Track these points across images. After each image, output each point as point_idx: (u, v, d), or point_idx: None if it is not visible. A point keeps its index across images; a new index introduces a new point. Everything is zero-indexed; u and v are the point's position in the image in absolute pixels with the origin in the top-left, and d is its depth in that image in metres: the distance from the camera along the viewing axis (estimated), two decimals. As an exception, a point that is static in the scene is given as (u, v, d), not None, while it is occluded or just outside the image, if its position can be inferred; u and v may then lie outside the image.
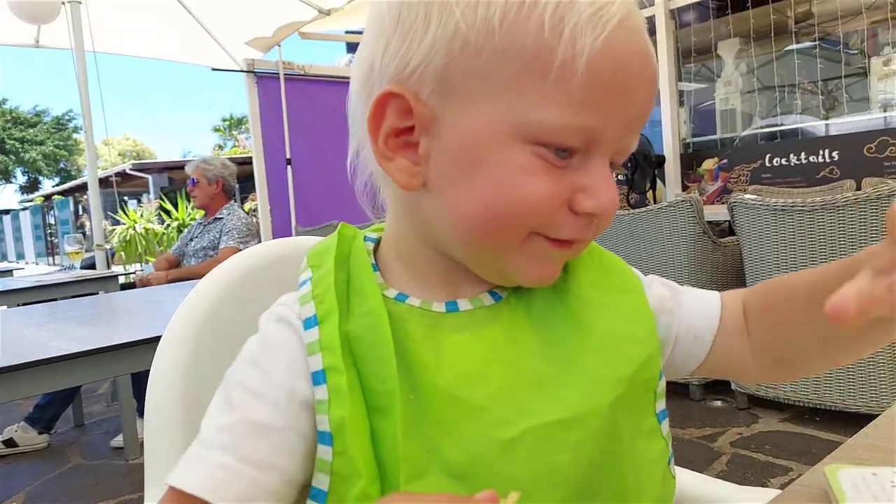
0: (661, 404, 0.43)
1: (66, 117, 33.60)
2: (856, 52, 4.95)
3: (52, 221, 21.92)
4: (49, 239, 21.90)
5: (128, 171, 17.86)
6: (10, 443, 2.71)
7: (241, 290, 0.52)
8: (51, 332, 1.28)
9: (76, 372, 0.99)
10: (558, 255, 0.39)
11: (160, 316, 1.52)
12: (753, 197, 2.46)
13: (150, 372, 0.49)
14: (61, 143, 33.09)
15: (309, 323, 0.38)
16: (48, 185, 33.04)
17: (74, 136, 33.99)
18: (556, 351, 0.40)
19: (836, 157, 4.39)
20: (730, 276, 2.77)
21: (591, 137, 0.36)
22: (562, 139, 0.35)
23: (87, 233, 20.67)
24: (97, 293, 3.09)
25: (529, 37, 0.34)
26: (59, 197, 22.31)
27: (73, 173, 33.90)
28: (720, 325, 0.45)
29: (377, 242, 0.45)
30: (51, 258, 21.10)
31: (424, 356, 0.38)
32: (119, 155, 32.76)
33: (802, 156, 4.55)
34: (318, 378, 0.37)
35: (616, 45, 0.34)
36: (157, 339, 1.05)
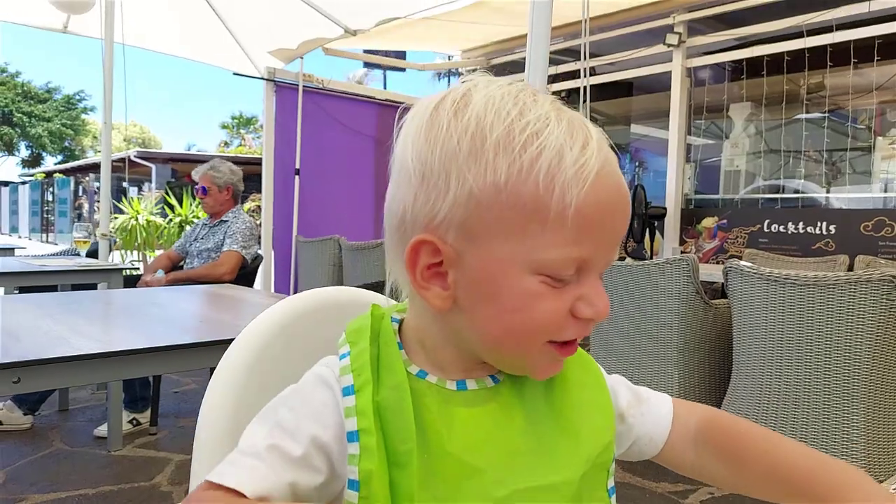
0: (611, 482, 0.54)
1: (77, 97, 33.69)
2: (863, 128, 5.09)
3: (50, 199, 21.86)
4: (45, 216, 21.83)
5: (132, 158, 17.90)
6: (-6, 421, 2.72)
7: (287, 331, 0.58)
8: (64, 326, 1.32)
9: (100, 370, 1.04)
10: (564, 356, 0.49)
11: (168, 321, 1.57)
12: (748, 264, 2.54)
13: (205, 399, 0.54)
14: (69, 121, 33.13)
15: (347, 391, 0.47)
16: (50, 162, 32.99)
17: (83, 116, 34.04)
18: (539, 428, 0.50)
19: (833, 231, 4.50)
20: (718, 337, 2.84)
21: (583, 264, 0.46)
22: (561, 270, 0.45)
23: (84, 215, 20.59)
24: (96, 284, 3.13)
25: (528, 194, 0.44)
26: (60, 175, 22.28)
27: (76, 153, 33.88)
28: (670, 434, 0.57)
29: (400, 323, 0.53)
30: (44, 235, 20.99)
31: (438, 425, 0.47)
32: (124, 140, 32.76)
33: (801, 225, 4.65)
34: (352, 437, 0.46)
35: (597, 192, 0.44)
36: (175, 346, 1.10)
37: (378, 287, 0.61)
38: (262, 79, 5.12)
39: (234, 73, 5.21)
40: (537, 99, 0.46)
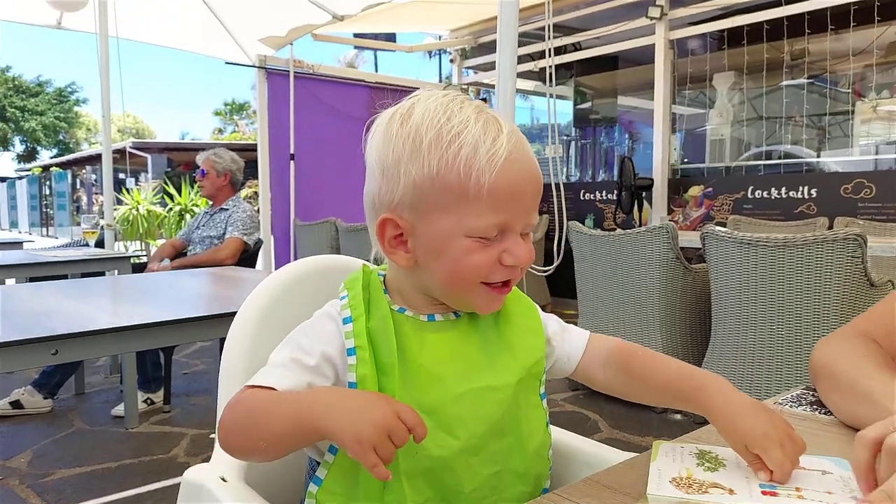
0: (542, 389, 0.71)
1: (69, 89, 33.54)
2: (844, 92, 5.20)
3: (48, 193, 21.92)
4: (44, 210, 21.90)
5: (128, 149, 17.94)
6: (16, 405, 2.89)
7: (290, 290, 0.73)
8: (88, 306, 1.46)
9: (126, 341, 1.18)
10: (499, 294, 0.66)
11: (179, 299, 1.71)
12: (723, 229, 2.68)
13: (225, 344, 0.68)
14: (62, 114, 33.02)
15: (347, 320, 0.65)
16: (45, 156, 32.93)
17: (76, 108, 33.91)
18: (489, 348, 0.67)
19: (815, 195, 4.63)
20: (698, 299, 2.99)
21: (503, 227, 0.62)
22: (485, 233, 0.61)
23: (83, 207, 20.64)
24: (104, 273, 3.27)
25: (454, 180, 0.59)
26: (58, 169, 22.31)
27: (71, 146, 33.81)
28: (583, 356, 0.75)
29: (384, 277, 0.71)
30: (44, 229, 21.09)
31: (413, 345, 0.64)
32: (118, 131, 32.66)
33: (783, 190, 4.78)
34: (350, 352, 0.63)
35: (505, 173, 0.59)
36: (198, 318, 1.25)
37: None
38: (254, 66, 5.21)
39: (227, 63, 5.30)
40: (463, 106, 0.62)
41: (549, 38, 2.04)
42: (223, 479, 0.62)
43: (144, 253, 6.54)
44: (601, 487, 0.55)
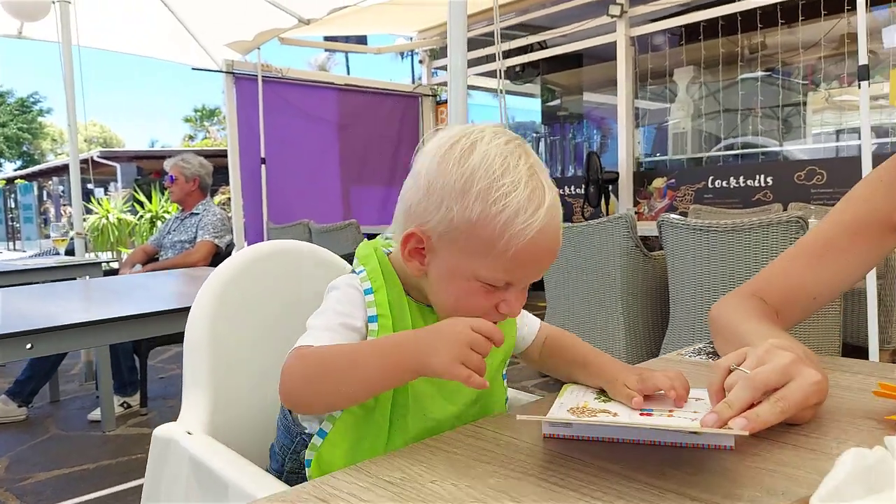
0: (504, 369, 0.82)
1: (32, 99, 32.87)
2: (797, 83, 5.39)
3: (14, 206, 21.47)
4: (10, 223, 21.44)
5: (95, 159, 17.67)
6: (-10, 414, 2.89)
7: (248, 270, 0.80)
8: (61, 307, 1.51)
9: (101, 334, 1.23)
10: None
11: (151, 298, 1.76)
12: (677, 217, 2.80)
13: (189, 317, 0.76)
14: (25, 125, 32.35)
15: (368, 291, 0.71)
16: (9, 168, 32.21)
17: (40, 119, 33.24)
18: None
19: (771, 183, 4.80)
20: (658, 284, 3.11)
21: (511, 282, 0.68)
22: (495, 283, 0.67)
23: (50, 219, 20.24)
24: (75, 279, 3.29)
25: (486, 235, 0.64)
26: (23, 181, 21.86)
27: (36, 157, 33.13)
28: (533, 341, 0.85)
29: (388, 254, 0.77)
30: (11, 243, 20.66)
31: (419, 323, 0.72)
32: (85, 141, 32.08)
33: (741, 179, 4.95)
34: (372, 320, 0.70)
35: (532, 245, 0.64)
36: (173, 310, 1.31)
37: (347, 258, 0.86)
38: (221, 72, 5.22)
39: (193, 69, 5.31)
40: (518, 164, 0.66)
41: (497, 42, 2.14)
42: (189, 433, 0.69)
43: (116, 259, 6.51)
44: (511, 418, 0.65)
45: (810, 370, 0.58)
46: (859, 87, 2.54)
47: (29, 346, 1.17)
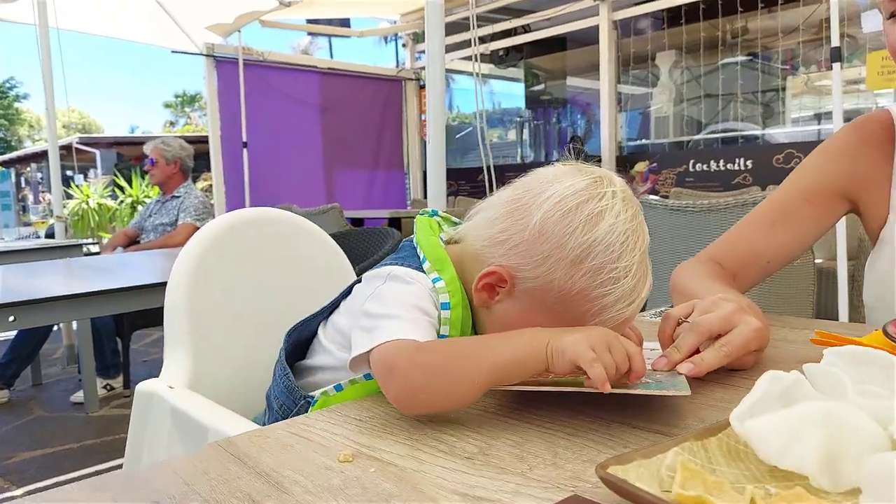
0: None
1: (8, 85, 32.24)
2: (782, 68, 5.46)
3: (-8, 192, 21.10)
4: (-12, 210, 21.09)
5: (74, 145, 17.40)
6: (-28, 396, 2.89)
7: (230, 234, 0.83)
8: (44, 282, 1.52)
9: (85, 307, 1.25)
10: None
11: (133, 274, 1.78)
12: (655, 198, 2.86)
13: (170, 278, 0.78)
14: (1, 112, 31.75)
15: (445, 306, 0.64)
16: (-14, 155, 31.61)
17: (16, 105, 32.63)
18: None
19: (750, 166, 4.87)
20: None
21: None
22: None
23: (29, 206, 19.96)
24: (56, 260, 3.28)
25: (580, 308, 0.61)
26: (0, 168, 21.50)
27: (13, 144, 32.53)
28: None
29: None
30: (-11, 230, 20.34)
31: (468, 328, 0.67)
32: (63, 127, 31.56)
33: (721, 163, 5.02)
34: (442, 337, 0.64)
35: (615, 323, 0.62)
36: (156, 284, 1.33)
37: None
38: (201, 55, 5.18)
39: (173, 51, 5.25)
40: (636, 246, 0.62)
41: (473, 26, 2.15)
42: (170, 387, 0.72)
43: (96, 241, 6.46)
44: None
45: (751, 318, 0.63)
46: (830, 67, 2.60)
47: (12, 318, 1.19)
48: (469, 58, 6.53)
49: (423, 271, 0.66)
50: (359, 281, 0.74)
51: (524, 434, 0.50)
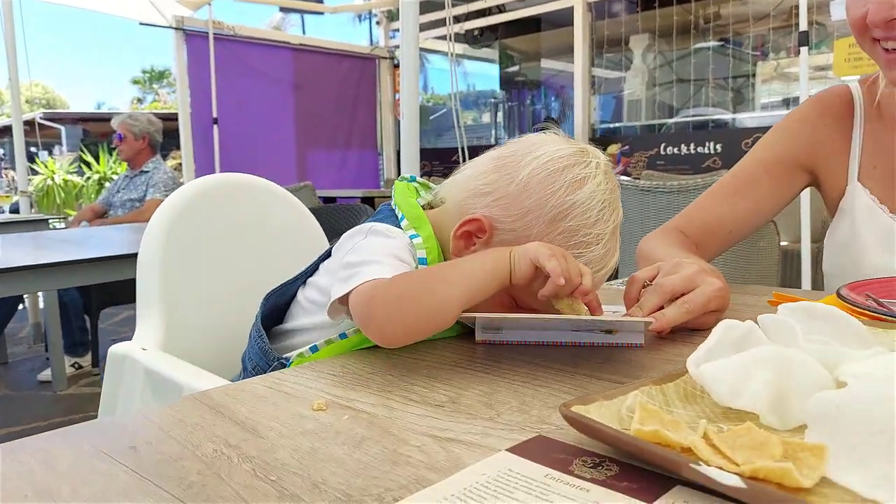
0: None
1: (-34, 57, 31.04)
2: (753, 54, 5.55)
3: (-50, 169, 20.41)
4: (-53, 188, 20.43)
5: (39, 121, 16.88)
6: (-66, 374, 2.83)
7: (202, 198, 0.83)
8: (11, 253, 1.49)
9: (50, 278, 1.23)
10: None
11: (100, 245, 1.75)
12: (626, 178, 2.90)
13: (142, 242, 0.78)
14: (-40, 84, 30.59)
15: (422, 261, 0.67)
16: (-56, 130, 30.48)
17: (-25, 78, 31.47)
18: None
19: (720, 150, 4.96)
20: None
21: None
22: None
23: (-9, 183, 19.34)
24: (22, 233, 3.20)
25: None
26: (-41, 143, 20.75)
27: (-27, 119, 31.40)
28: None
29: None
30: (-52, 208, 19.70)
31: None
32: (27, 102, 30.52)
33: (692, 146, 5.10)
34: None
35: None
36: (125, 255, 1.31)
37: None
38: (170, 28, 5.05)
39: (141, 24, 5.11)
40: (611, 217, 0.66)
41: (448, 5, 2.15)
42: (143, 349, 0.73)
43: (63, 218, 6.30)
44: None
45: (712, 279, 0.65)
46: (799, 53, 2.65)
47: (-24, 288, 1.17)
48: (443, 37, 6.49)
49: (402, 229, 0.68)
50: (330, 251, 0.75)
51: (493, 385, 0.52)
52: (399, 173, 2.87)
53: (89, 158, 7.18)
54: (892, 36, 0.76)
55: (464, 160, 2.52)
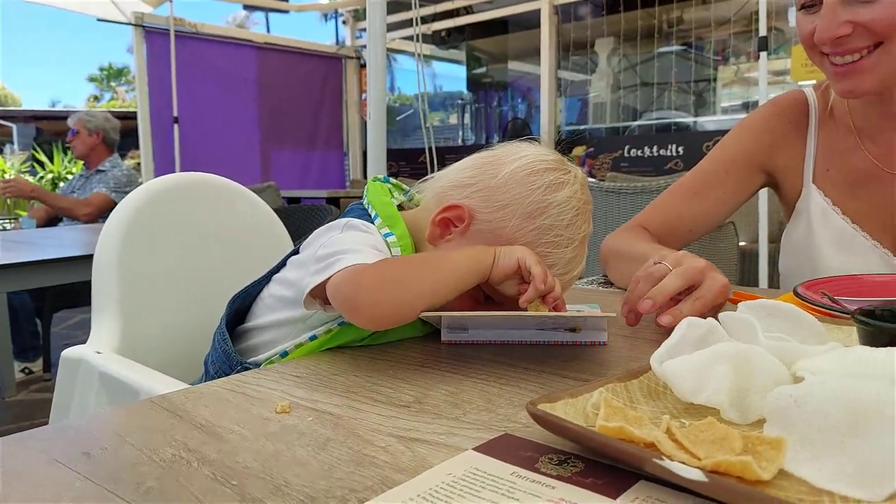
0: None
1: (-89, 51, 29.72)
2: (714, 59, 5.68)
3: None
4: None
5: (-11, 118, 16.27)
6: None
7: (160, 198, 0.81)
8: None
9: (21, 277, 1.18)
10: None
11: (61, 246, 1.70)
12: (592, 180, 2.94)
13: (98, 243, 0.76)
14: None
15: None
16: None
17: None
18: None
19: (681, 152, 5.07)
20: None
21: None
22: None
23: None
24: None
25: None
26: None
27: (-82, 115, 30.11)
28: None
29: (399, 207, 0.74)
30: None
31: None
32: (-24, 98, 29.44)
33: (655, 149, 5.19)
34: None
35: None
36: (78, 257, 1.27)
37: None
38: (130, 24, 4.93)
39: (99, 20, 4.97)
40: (583, 226, 0.69)
41: (416, 6, 2.14)
42: (98, 353, 0.70)
43: (14, 219, 6.08)
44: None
45: (719, 274, 0.67)
46: (758, 58, 2.72)
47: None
48: (411, 38, 6.48)
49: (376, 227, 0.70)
50: (298, 249, 0.74)
51: (459, 385, 0.52)
52: (365, 174, 2.85)
53: (43, 158, 6.93)
54: (839, 52, 0.80)
55: (430, 161, 2.52)
